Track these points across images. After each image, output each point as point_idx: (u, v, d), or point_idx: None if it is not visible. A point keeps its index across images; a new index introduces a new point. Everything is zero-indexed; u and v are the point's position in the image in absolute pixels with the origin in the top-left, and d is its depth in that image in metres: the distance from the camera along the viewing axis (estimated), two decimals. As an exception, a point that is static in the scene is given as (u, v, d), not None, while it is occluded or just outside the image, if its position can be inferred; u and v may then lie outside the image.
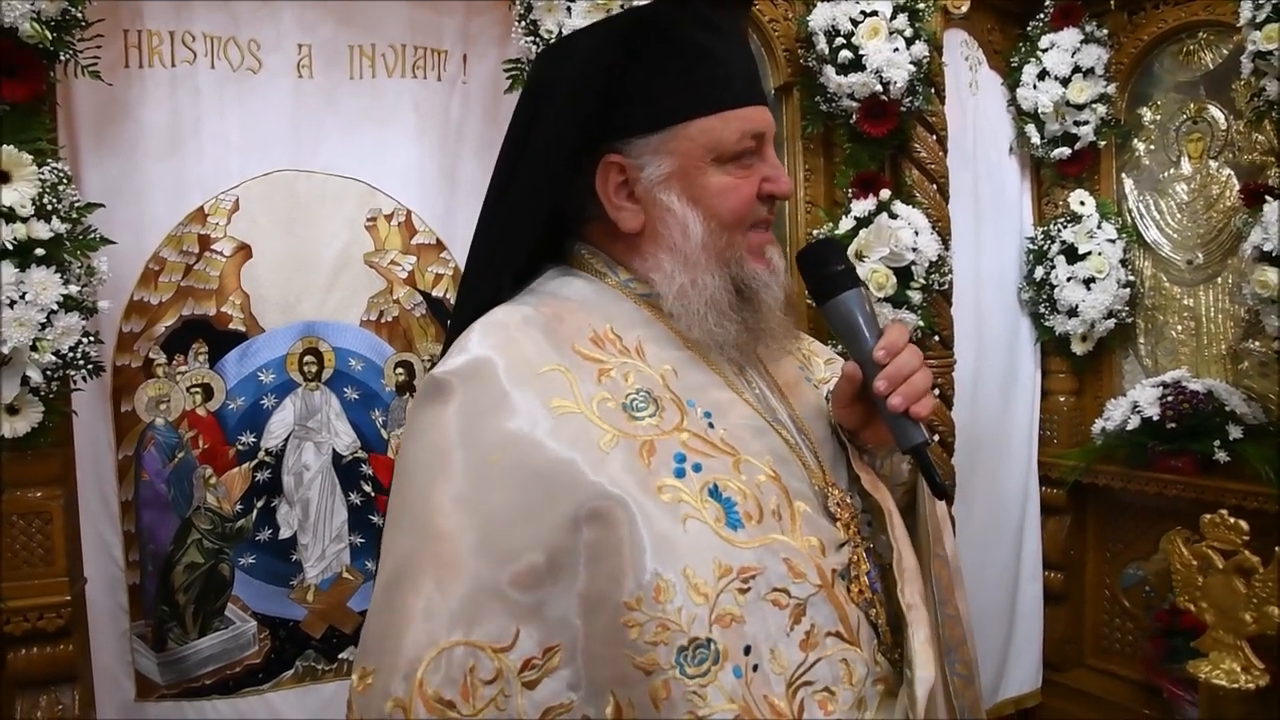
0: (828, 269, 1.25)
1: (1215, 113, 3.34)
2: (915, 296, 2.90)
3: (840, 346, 1.38)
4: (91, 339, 2.08)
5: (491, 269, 1.27)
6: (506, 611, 1.05)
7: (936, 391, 2.98)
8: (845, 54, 2.83)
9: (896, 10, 2.85)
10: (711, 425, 1.17)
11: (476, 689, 1.03)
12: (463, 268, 2.70)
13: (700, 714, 1.02)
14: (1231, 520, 2.76)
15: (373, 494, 2.66)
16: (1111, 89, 3.49)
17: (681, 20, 1.20)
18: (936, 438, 1.19)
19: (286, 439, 2.59)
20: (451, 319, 1.32)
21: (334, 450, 2.63)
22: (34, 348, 1.97)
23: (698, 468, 1.12)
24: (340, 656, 2.64)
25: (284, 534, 2.59)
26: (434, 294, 2.71)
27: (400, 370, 2.69)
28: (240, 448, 2.54)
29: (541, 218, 1.23)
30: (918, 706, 1.12)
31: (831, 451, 1.29)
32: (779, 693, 1.07)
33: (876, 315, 1.25)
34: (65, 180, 2.05)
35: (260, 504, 2.56)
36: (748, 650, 1.06)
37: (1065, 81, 3.43)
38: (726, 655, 1.04)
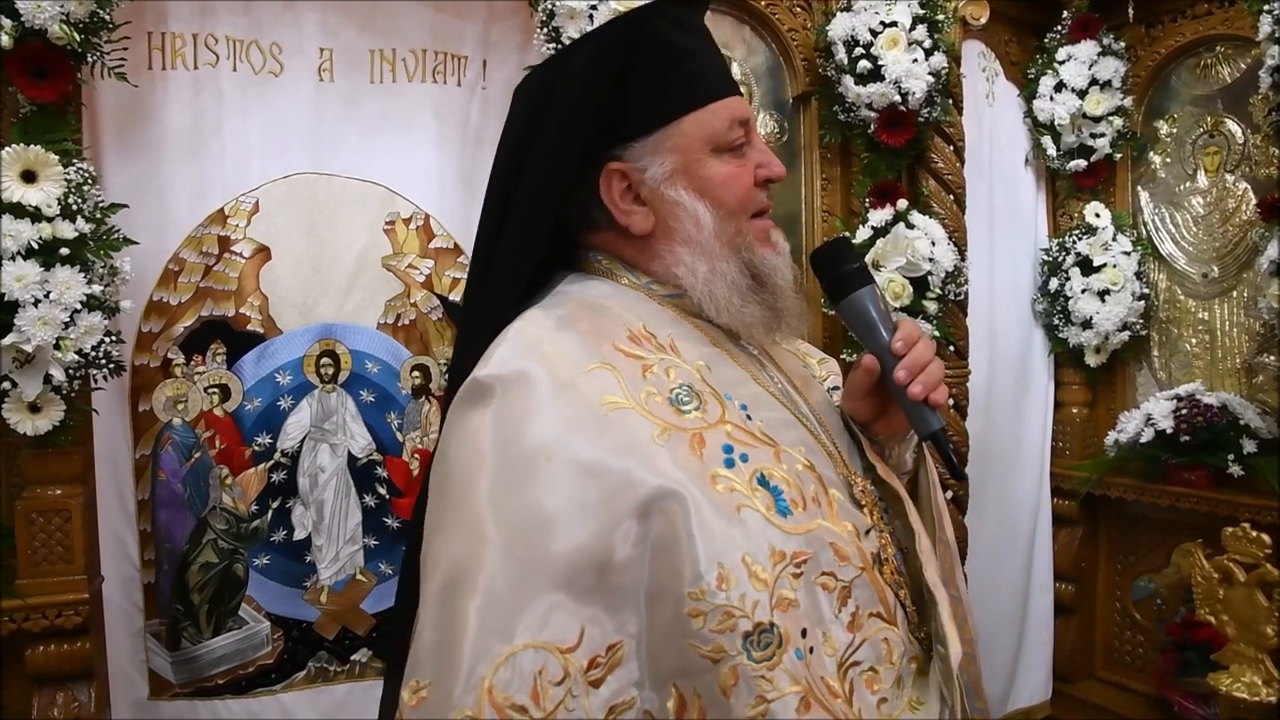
0: (842, 268, 1.30)
1: (1232, 126, 3.34)
2: (931, 306, 2.91)
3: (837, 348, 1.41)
4: (113, 338, 2.10)
5: (500, 283, 1.28)
6: (569, 611, 1.03)
7: (951, 402, 3.00)
8: (864, 64, 2.84)
9: (916, 21, 2.86)
10: (749, 417, 1.20)
11: (546, 691, 1.01)
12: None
13: (769, 697, 1.04)
14: (1254, 534, 2.75)
15: (387, 496, 2.66)
16: (1128, 102, 3.49)
17: (659, 24, 1.26)
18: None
19: (302, 440, 2.60)
20: (461, 332, 1.33)
21: (349, 452, 2.64)
22: (57, 346, 1.98)
23: (745, 458, 1.13)
24: (353, 658, 2.64)
25: (299, 535, 2.60)
26: (451, 298, 2.72)
27: (416, 373, 2.69)
28: (256, 448, 2.55)
29: (546, 230, 1.25)
30: (953, 680, 1.16)
31: (846, 443, 1.32)
32: (832, 673, 1.09)
33: (889, 310, 1.30)
34: (90, 180, 2.08)
35: (275, 505, 2.57)
36: (804, 633, 1.08)
37: (1082, 94, 3.44)
38: (788, 639, 1.06)
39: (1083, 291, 3.47)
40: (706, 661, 1.04)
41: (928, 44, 2.86)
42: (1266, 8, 2.75)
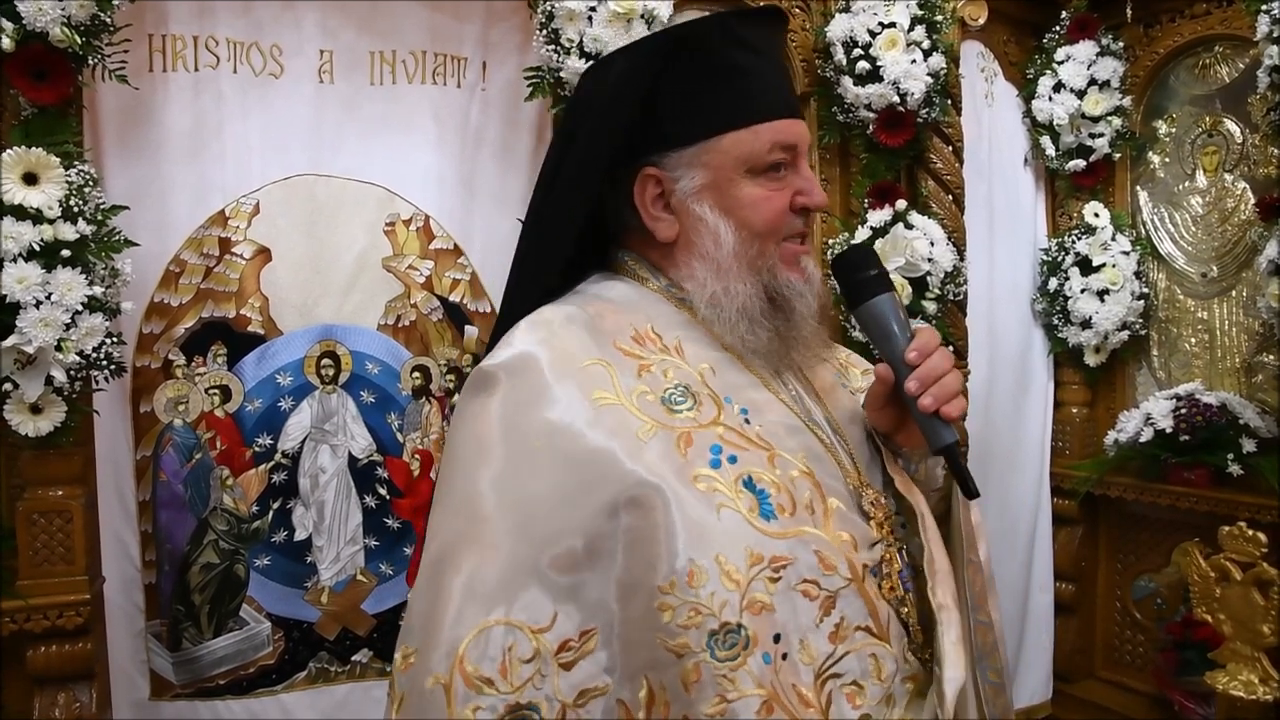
0: (862, 273, 1.29)
1: (1231, 126, 3.34)
2: (930, 307, 2.91)
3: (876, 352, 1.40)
4: (115, 340, 2.11)
5: (533, 274, 1.34)
6: (545, 593, 1.08)
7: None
8: (863, 65, 2.84)
9: (914, 22, 2.86)
10: (748, 421, 1.21)
11: (514, 667, 1.05)
12: (479, 272, 2.74)
13: (729, 697, 1.05)
14: (1250, 533, 2.76)
15: (388, 497, 2.67)
16: (1127, 101, 3.49)
17: (714, 38, 1.26)
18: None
19: (303, 441, 2.60)
20: (497, 320, 1.38)
21: (350, 453, 2.64)
22: (58, 348, 1.99)
23: (733, 459, 1.15)
24: (353, 659, 2.65)
25: (299, 536, 2.60)
26: (451, 299, 2.73)
27: (417, 374, 2.70)
28: (257, 449, 2.56)
29: (577, 226, 1.29)
30: (946, 706, 1.14)
31: (868, 454, 1.32)
32: (807, 682, 1.09)
33: (908, 319, 1.28)
34: (91, 183, 2.08)
35: (276, 506, 2.58)
36: (777, 638, 1.08)
37: (1081, 94, 3.44)
38: (756, 641, 1.07)
39: (1082, 291, 3.47)
40: (671, 655, 1.06)
41: (926, 44, 2.87)
42: (1264, 8, 2.76)
